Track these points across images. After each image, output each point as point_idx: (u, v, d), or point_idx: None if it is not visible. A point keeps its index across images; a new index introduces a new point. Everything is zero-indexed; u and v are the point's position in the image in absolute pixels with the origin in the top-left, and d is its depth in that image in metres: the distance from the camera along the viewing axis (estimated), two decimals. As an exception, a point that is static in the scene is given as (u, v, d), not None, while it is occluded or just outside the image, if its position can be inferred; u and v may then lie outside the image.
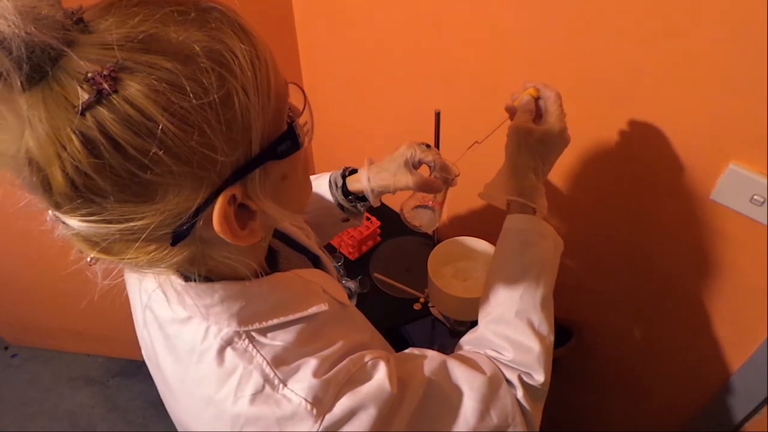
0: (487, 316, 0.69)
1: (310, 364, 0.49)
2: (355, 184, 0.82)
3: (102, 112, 0.33)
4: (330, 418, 0.47)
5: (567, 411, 1.39)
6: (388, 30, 1.14)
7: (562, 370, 1.27)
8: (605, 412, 1.29)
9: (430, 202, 0.85)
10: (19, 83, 0.32)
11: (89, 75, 0.32)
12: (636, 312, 1.05)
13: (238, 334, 0.49)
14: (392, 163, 0.79)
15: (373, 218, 1.37)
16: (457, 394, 0.56)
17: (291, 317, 0.51)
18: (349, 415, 0.47)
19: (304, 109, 0.47)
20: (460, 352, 0.67)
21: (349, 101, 1.41)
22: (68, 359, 2.05)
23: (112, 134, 0.33)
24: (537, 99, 0.75)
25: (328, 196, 0.83)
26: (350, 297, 1.23)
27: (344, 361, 0.51)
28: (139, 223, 0.37)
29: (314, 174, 0.93)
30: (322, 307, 0.54)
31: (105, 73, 0.33)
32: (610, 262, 1.03)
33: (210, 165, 0.37)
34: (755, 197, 0.74)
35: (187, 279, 0.48)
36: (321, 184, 0.84)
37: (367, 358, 0.52)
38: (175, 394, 0.55)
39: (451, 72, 1.07)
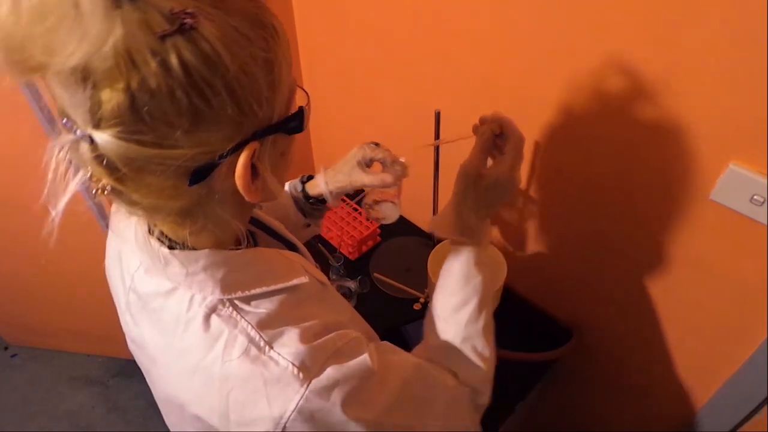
0: (434, 341, 0.72)
1: (295, 330, 0.50)
2: (314, 188, 0.87)
3: (181, 42, 0.37)
4: (316, 383, 0.48)
5: (567, 411, 1.40)
6: (388, 30, 1.14)
7: (562, 370, 1.28)
8: (605, 412, 1.29)
9: (388, 196, 0.92)
10: (110, 1, 0.35)
11: (174, 10, 0.37)
12: (636, 312, 1.05)
13: (222, 301, 0.50)
14: (346, 165, 0.84)
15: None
16: (431, 394, 0.60)
17: (273, 287, 0.53)
18: (334, 384, 0.48)
19: (308, 102, 0.51)
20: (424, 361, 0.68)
21: (349, 101, 1.41)
22: (68, 359, 2.06)
23: (187, 63, 0.37)
24: (499, 134, 0.75)
25: (289, 201, 0.89)
26: (350, 297, 1.23)
27: (331, 334, 0.52)
28: (174, 151, 0.40)
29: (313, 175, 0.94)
30: (303, 279, 0.56)
31: (188, 11, 0.37)
32: (609, 262, 1.03)
33: (251, 115, 0.42)
34: (755, 197, 0.74)
35: (171, 249, 0.50)
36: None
37: (352, 335, 0.54)
38: (161, 369, 0.55)
39: (451, 72, 1.07)
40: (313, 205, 0.89)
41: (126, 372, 2.01)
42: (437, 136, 0.93)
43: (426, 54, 1.09)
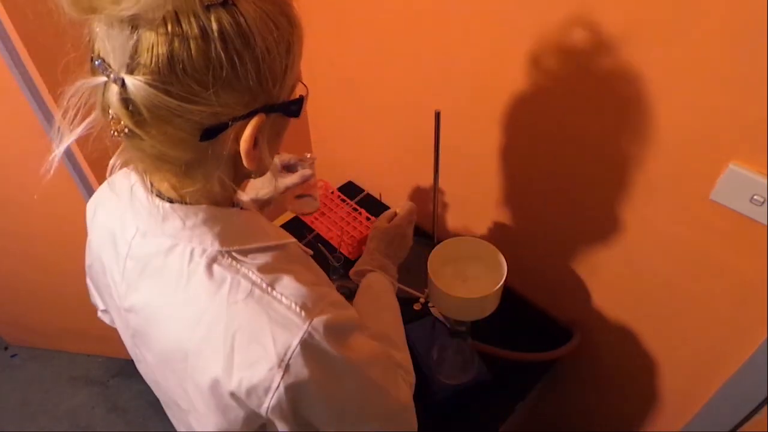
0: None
1: (292, 276, 0.54)
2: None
3: (223, 13, 0.43)
4: (317, 321, 0.51)
5: (567, 411, 1.40)
6: (388, 30, 1.14)
7: (562, 370, 1.28)
8: (605, 412, 1.29)
9: (307, 190, 1.03)
10: None
11: None
12: (636, 312, 1.05)
13: (221, 253, 0.54)
14: (265, 177, 0.91)
15: (373, 218, 1.37)
16: (391, 364, 0.67)
17: (267, 243, 0.57)
18: (331, 325, 0.52)
19: (307, 94, 0.56)
20: None
21: (349, 101, 1.41)
22: (68, 359, 2.06)
23: (224, 32, 0.43)
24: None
25: None
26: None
27: (324, 287, 0.57)
28: (195, 106, 0.44)
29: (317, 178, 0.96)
30: (292, 239, 0.62)
31: None
32: (609, 262, 1.03)
33: (266, 90, 0.48)
34: (755, 197, 0.74)
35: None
36: None
37: (339, 295, 0.59)
38: (163, 325, 0.56)
39: (451, 72, 1.07)
40: None
41: (126, 372, 2.01)
42: (437, 136, 0.94)
43: (426, 54, 1.09)
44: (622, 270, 1.01)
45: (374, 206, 1.47)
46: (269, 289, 0.52)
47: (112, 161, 0.51)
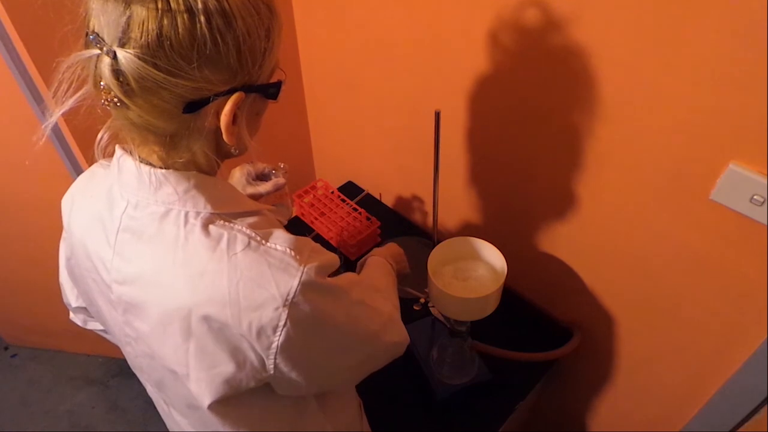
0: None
1: (280, 230, 0.60)
2: None
3: None
4: (309, 268, 0.56)
5: (567, 411, 1.40)
6: (388, 30, 1.14)
7: (562, 370, 1.28)
8: (605, 412, 1.29)
9: (279, 200, 1.05)
10: None
11: None
12: (636, 312, 1.05)
13: (213, 215, 0.58)
14: (238, 185, 0.96)
15: (374, 218, 1.37)
16: (374, 291, 0.75)
17: (250, 209, 0.62)
18: (321, 265, 0.58)
19: (285, 79, 0.60)
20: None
21: (348, 101, 1.41)
22: (68, 359, 2.06)
23: (209, 11, 0.47)
24: None
25: None
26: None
27: (304, 238, 0.61)
28: (180, 80, 0.48)
29: (312, 179, 0.95)
30: (270, 207, 0.67)
31: None
32: (609, 262, 1.03)
33: (246, 69, 0.52)
34: (755, 197, 0.74)
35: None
36: None
37: (317, 245, 0.64)
38: (163, 287, 0.57)
39: (451, 72, 1.07)
40: None
41: (126, 372, 2.01)
42: (437, 136, 0.94)
43: (426, 54, 1.09)
44: (622, 270, 1.01)
45: (374, 206, 1.47)
46: (263, 241, 0.57)
47: (100, 133, 0.55)
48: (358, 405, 0.91)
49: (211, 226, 0.57)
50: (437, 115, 0.88)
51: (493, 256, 0.93)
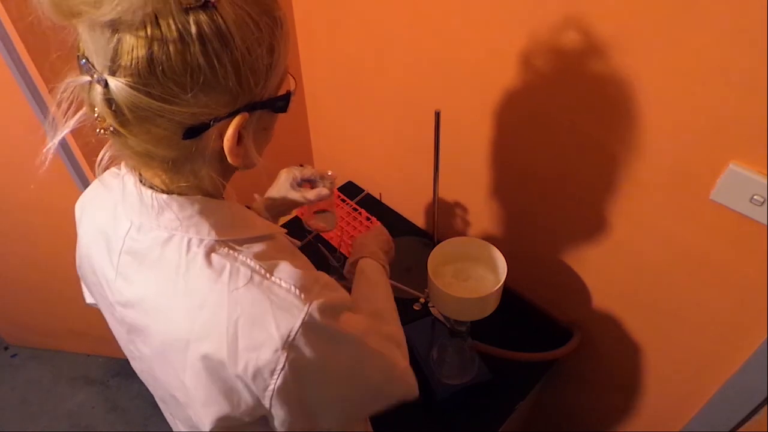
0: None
1: (287, 262, 0.56)
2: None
3: (202, 16, 0.43)
4: (314, 304, 0.53)
5: (567, 411, 1.40)
6: (388, 30, 1.14)
7: (562, 370, 1.28)
8: (605, 412, 1.29)
9: (324, 207, 1.04)
10: None
11: None
12: (636, 312, 1.05)
13: (218, 242, 0.55)
14: (280, 191, 0.95)
15: (374, 218, 1.37)
16: (385, 336, 0.69)
17: (259, 234, 0.59)
18: (329, 305, 0.54)
19: (295, 88, 0.56)
20: None
21: (349, 101, 1.41)
22: (68, 359, 2.06)
23: (203, 35, 0.43)
24: None
25: None
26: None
27: (316, 272, 0.59)
28: (176, 108, 0.45)
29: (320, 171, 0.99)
30: (282, 230, 0.64)
31: None
32: (609, 262, 1.03)
33: (247, 90, 0.48)
34: (755, 197, 0.74)
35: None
36: None
37: (330, 278, 0.61)
38: (163, 316, 0.56)
39: (451, 72, 1.07)
40: None
41: (126, 372, 2.01)
42: (437, 136, 0.94)
43: (426, 54, 1.09)
44: (622, 270, 1.01)
45: (374, 206, 1.47)
46: (267, 274, 0.54)
47: (100, 155, 0.52)
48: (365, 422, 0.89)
49: (213, 255, 0.54)
50: (437, 115, 0.88)
51: (493, 257, 0.93)
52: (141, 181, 0.55)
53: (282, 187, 0.94)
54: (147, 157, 0.50)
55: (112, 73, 0.43)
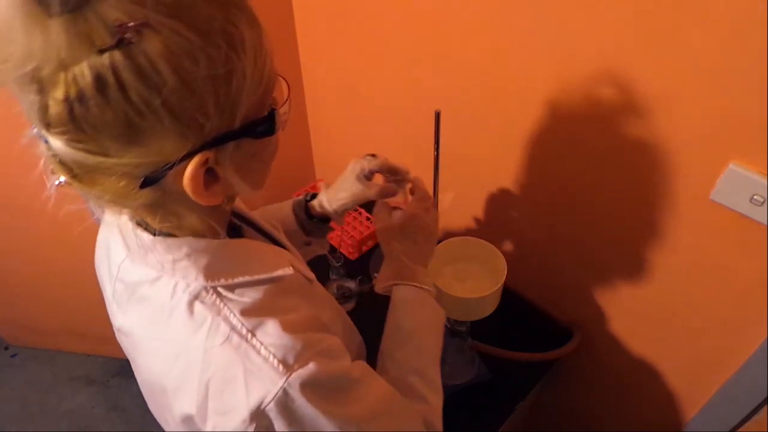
0: (385, 375, 0.69)
1: (278, 320, 0.50)
2: (317, 207, 0.88)
3: (119, 57, 0.36)
4: (295, 377, 0.47)
5: (566, 411, 1.40)
6: (388, 30, 1.14)
7: (562, 370, 1.28)
8: (605, 412, 1.29)
9: (397, 203, 0.91)
10: (56, 7, 0.35)
11: (117, 23, 0.36)
12: (636, 312, 1.05)
13: (205, 288, 0.51)
14: (346, 181, 0.86)
15: (374, 218, 1.37)
16: (400, 421, 0.60)
17: (257, 277, 0.53)
18: (313, 381, 0.48)
19: (286, 100, 0.51)
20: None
21: (349, 101, 1.41)
22: (68, 359, 2.06)
23: (122, 79, 0.37)
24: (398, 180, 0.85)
25: (291, 219, 0.87)
26: (350, 297, 1.23)
27: (316, 333, 0.52)
28: (119, 160, 0.41)
29: (312, 179, 0.94)
30: (288, 270, 0.57)
31: (131, 24, 0.36)
32: (609, 262, 1.03)
33: (197, 128, 0.41)
34: (755, 197, 0.74)
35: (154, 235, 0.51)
36: (284, 208, 0.89)
37: (337, 342, 0.54)
38: (147, 356, 0.56)
39: (451, 72, 1.07)
40: (315, 224, 0.88)
41: (126, 372, 2.00)
42: (437, 136, 0.94)
43: (426, 54, 1.09)
44: (622, 270, 1.01)
45: (374, 206, 1.47)
46: (249, 336, 0.49)
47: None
48: None
49: (197, 304, 0.50)
50: (437, 115, 0.88)
51: (493, 257, 0.93)
52: (131, 217, 0.52)
53: (348, 179, 0.85)
54: (116, 204, 0.46)
55: (47, 130, 0.39)
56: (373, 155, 0.87)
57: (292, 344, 0.49)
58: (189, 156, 0.42)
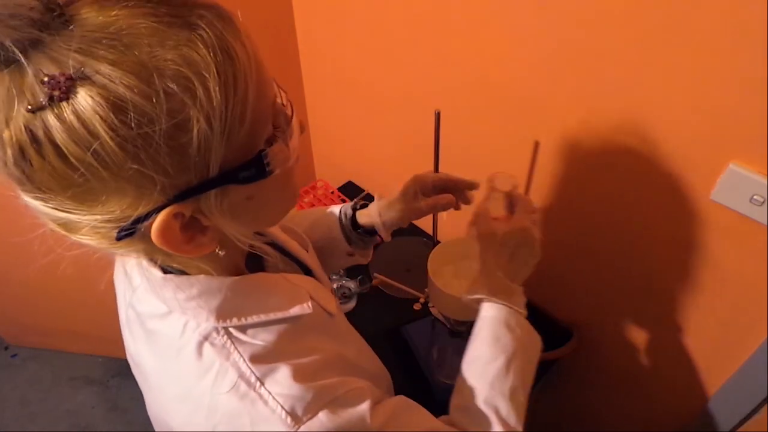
0: (458, 401, 0.66)
1: (290, 367, 0.47)
2: (365, 218, 0.82)
3: (49, 116, 0.33)
4: (304, 430, 0.45)
5: (566, 411, 1.40)
6: (389, 30, 1.14)
7: (562, 370, 1.28)
8: (605, 412, 1.29)
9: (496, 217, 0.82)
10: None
11: (46, 78, 0.33)
12: (636, 312, 1.05)
13: (216, 329, 0.48)
14: (402, 197, 0.80)
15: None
16: None
17: (272, 316, 0.51)
18: None
19: (291, 118, 0.46)
20: (443, 418, 0.64)
21: (349, 101, 1.41)
22: (68, 359, 2.05)
23: (55, 139, 0.34)
24: (502, 192, 0.77)
25: (336, 227, 0.82)
26: (350, 297, 1.23)
27: (332, 380, 0.49)
28: (83, 217, 0.38)
29: (312, 179, 0.94)
30: (306, 309, 0.54)
31: (61, 79, 0.33)
32: (609, 262, 1.03)
33: (149, 184, 0.37)
34: (755, 197, 0.74)
35: (165, 272, 0.49)
36: (330, 215, 0.84)
37: (355, 385, 0.51)
38: (154, 391, 0.55)
39: (451, 72, 1.07)
40: (360, 235, 0.83)
41: (126, 372, 1.98)
42: (437, 136, 0.94)
43: (426, 54, 1.09)
44: (622, 270, 1.01)
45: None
46: (257, 384, 0.46)
47: None
48: None
49: (206, 346, 0.47)
50: (437, 115, 0.88)
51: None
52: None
53: (405, 195, 0.79)
54: (110, 250, 0.43)
55: (15, 184, 0.38)
56: (438, 172, 0.83)
57: (302, 394, 0.46)
58: (154, 212, 0.39)
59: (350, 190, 1.55)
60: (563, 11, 0.81)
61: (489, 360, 0.65)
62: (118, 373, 2.01)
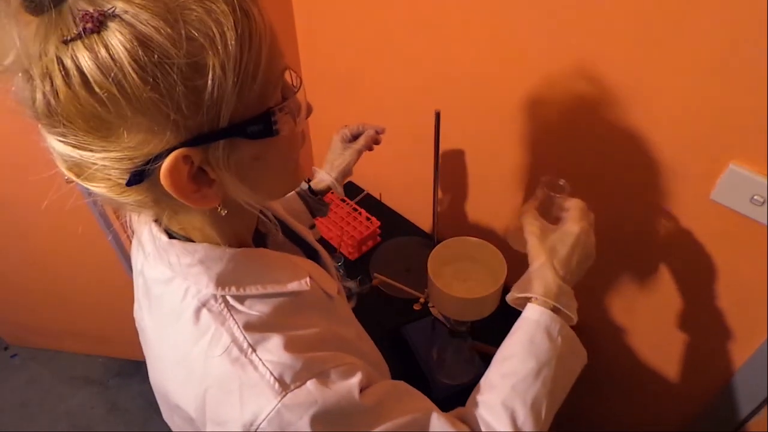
0: (478, 397, 0.64)
1: (283, 337, 0.49)
2: (320, 183, 0.98)
3: (80, 46, 0.36)
4: (291, 397, 0.46)
5: (566, 411, 1.39)
6: (388, 30, 1.14)
7: (562, 370, 1.28)
8: (605, 412, 1.29)
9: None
10: (32, 5, 0.37)
11: (83, 13, 0.36)
12: (636, 312, 1.05)
13: (214, 297, 0.50)
14: (335, 151, 0.98)
15: (373, 218, 1.37)
16: None
17: (270, 289, 0.52)
18: (310, 403, 0.46)
19: (285, 99, 0.48)
20: (450, 413, 0.62)
21: (349, 101, 1.41)
22: (68, 359, 2.06)
23: (82, 67, 0.36)
24: (555, 195, 0.76)
25: (298, 202, 0.97)
26: (350, 297, 1.23)
27: (324, 353, 0.50)
28: (98, 154, 0.40)
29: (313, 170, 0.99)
30: (303, 285, 0.55)
31: (94, 14, 0.36)
32: (610, 262, 1.03)
33: (164, 120, 0.39)
34: (755, 197, 0.74)
35: (171, 237, 0.51)
36: (290, 196, 0.97)
37: (348, 361, 0.51)
38: (155, 357, 0.56)
39: (451, 72, 1.07)
40: (320, 201, 0.98)
41: (126, 372, 2.01)
42: (437, 136, 0.94)
43: (426, 54, 1.09)
44: (622, 270, 1.01)
45: (374, 206, 1.47)
46: (249, 350, 0.47)
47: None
48: None
49: (203, 311, 0.49)
50: (437, 115, 0.88)
51: (493, 257, 0.93)
52: (153, 217, 0.52)
53: (334, 150, 0.97)
54: (114, 202, 0.44)
55: (40, 123, 0.40)
56: (346, 126, 1.00)
57: (292, 363, 0.47)
58: (167, 153, 0.40)
59: (350, 190, 1.55)
60: (563, 12, 0.82)
61: (518, 362, 0.63)
62: (118, 373, 2.01)
